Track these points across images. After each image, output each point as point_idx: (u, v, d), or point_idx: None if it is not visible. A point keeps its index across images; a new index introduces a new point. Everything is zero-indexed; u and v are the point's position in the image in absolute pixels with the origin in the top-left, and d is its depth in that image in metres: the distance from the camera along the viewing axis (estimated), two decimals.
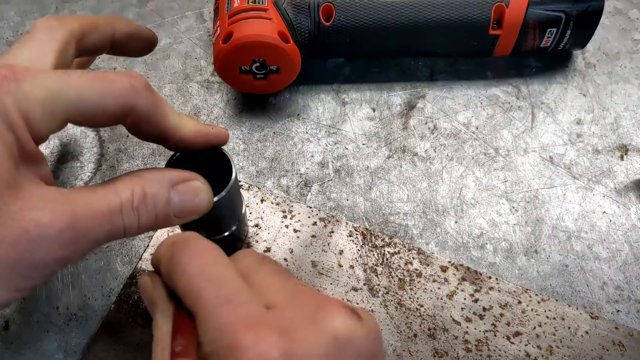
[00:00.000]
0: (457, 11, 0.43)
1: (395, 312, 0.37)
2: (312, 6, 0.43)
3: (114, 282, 0.38)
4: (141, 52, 0.38)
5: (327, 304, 0.23)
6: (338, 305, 0.23)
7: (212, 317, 0.22)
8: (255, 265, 0.26)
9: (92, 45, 0.32)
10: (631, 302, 0.38)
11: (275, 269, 0.26)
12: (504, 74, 0.48)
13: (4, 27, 0.50)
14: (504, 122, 0.45)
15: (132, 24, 0.35)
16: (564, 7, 0.43)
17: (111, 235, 0.24)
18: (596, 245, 0.40)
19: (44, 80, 0.23)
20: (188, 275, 0.24)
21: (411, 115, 0.46)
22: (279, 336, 0.21)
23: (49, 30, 0.29)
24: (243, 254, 0.27)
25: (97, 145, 0.44)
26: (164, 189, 0.26)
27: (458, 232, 0.40)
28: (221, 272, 0.24)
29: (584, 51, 0.49)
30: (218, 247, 0.26)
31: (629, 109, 0.46)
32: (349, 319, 0.22)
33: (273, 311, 0.23)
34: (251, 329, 0.21)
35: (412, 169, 0.43)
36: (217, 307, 0.22)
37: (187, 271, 0.24)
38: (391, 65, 0.48)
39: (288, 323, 0.22)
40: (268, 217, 0.40)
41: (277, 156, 0.43)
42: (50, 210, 0.22)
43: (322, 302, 0.23)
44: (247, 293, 0.23)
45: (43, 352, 0.35)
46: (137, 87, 0.25)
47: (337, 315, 0.22)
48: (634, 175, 0.43)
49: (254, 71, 0.42)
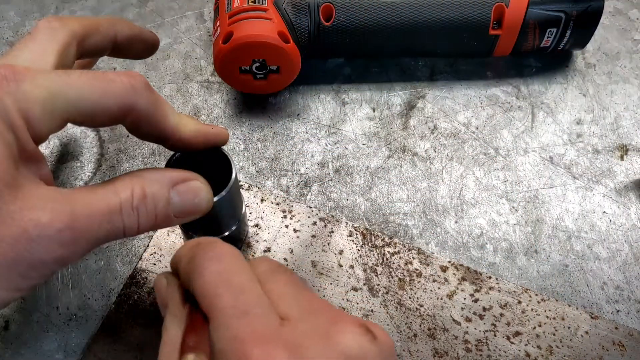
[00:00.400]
0: (457, 11, 0.43)
1: (395, 312, 0.37)
2: (312, 6, 0.43)
3: (114, 282, 0.38)
4: (143, 55, 0.38)
5: (341, 321, 0.23)
6: (352, 322, 0.23)
7: (225, 327, 0.22)
8: (271, 273, 0.26)
9: (93, 47, 0.32)
10: (631, 302, 0.38)
11: (291, 279, 0.26)
12: (504, 74, 0.48)
13: (4, 27, 0.50)
14: (504, 122, 0.45)
15: (134, 26, 0.36)
16: (564, 7, 0.43)
17: (111, 235, 0.24)
18: (596, 245, 0.40)
19: (44, 80, 0.23)
20: (207, 279, 0.23)
21: (411, 115, 0.46)
22: (289, 353, 0.21)
23: (51, 30, 0.29)
24: (259, 261, 0.27)
25: (97, 145, 0.44)
26: (163, 189, 0.26)
27: (458, 232, 0.40)
28: (241, 281, 0.23)
29: (584, 51, 0.49)
30: (239, 252, 0.25)
31: (629, 109, 0.46)
32: (363, 337, 0.22)
33: (285, 325, 0.22)
34: (262, 344, 0.21)
35: (412, 169, 0.43)
36: (232, 317, 0.22)
37: (207, 274, 0.24)
38: (391, 65, 0.48)
39: (300, 339, 0.22)
40: (268, 217, 0.40)
41: (277, 156, 0.43)
42: (50, 210, 0.22)
43: (336, 318, 0.23)
44: (263, 305, 0.23)
45: (43, 352, 0.35)
46: (137, 87, 0.25)
47: (350, 333, 0.22)
48: (634, 175, 0.43)
49: (254, 71, 0.43)
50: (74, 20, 0.31)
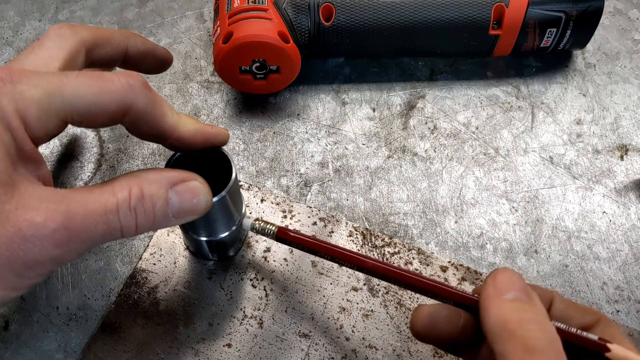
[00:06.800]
0: (457, 11, 0.43)
1: (395, 312, 0.37)
2: (312, 6, 0.43)
3: (114, 282, 0.38)
4: (154, 70, 0.38)
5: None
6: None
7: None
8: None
9: (103, 57, 0.33)
10: (631, 302, 0.38)
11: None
12: (504, 74, 0.48)
13: (4, 27, 0.50)
14: (504, 122, 0.45)
15: (148, 42, 0.36)
16: (564, 7, 0.43)
17: (107, 235, 0.24)
18: (596, 245, 0.40)
19: (40, 80, 0.23)
20: (508, 324, 0.24)
21: (411, 115, 0.46)
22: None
23: (60, 37, 0.29)
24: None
25: (97, 145, 0.44)
26: (162, 190, 0.26)
27: (458, 232, 0.40)
28: (543, 345, 0.23)
29: (584, 51, 0.49)
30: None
31: (629, 109, 0.46)
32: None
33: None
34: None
35: (412, 169, 0.43)
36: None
37: (511, 324, 0.23)
38: (391, 65, 0.48)
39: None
40: (268, 217, 0.40)
41: (277, 156, 0.43)
42: (45, 210, 0.22)
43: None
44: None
45: (43, 352, 0.35)
46: (135, 86, 0.25)
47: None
48: (634, 175, 0.42)
49: (254, 71, 0.43)
50: (85, 29, 0.31)
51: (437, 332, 0.28)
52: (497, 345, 0.23)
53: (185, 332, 0.36)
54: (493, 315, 0.24)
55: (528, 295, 0.25)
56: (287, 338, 0.36)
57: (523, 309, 0.24)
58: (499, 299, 0.25)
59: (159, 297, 0.37)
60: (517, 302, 0.24)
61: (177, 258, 0.38)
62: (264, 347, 0.35)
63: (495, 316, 0.24)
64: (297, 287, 0.37)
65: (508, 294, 0.25)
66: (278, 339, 0.36)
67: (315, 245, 0.32)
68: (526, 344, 0.22)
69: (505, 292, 0.25)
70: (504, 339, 0.23)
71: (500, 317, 0.24)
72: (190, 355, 0.35)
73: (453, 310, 0.28)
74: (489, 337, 0.24)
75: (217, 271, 0.38)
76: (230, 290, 0.37)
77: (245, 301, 0.37)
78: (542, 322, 0.24)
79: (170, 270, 0.38)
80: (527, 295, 0.25)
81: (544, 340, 0.23)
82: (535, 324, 0.24)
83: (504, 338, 0.23)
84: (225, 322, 0.36)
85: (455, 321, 0.28)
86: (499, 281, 0.25)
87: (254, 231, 0.34)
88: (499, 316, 0.24)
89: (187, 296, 0.37)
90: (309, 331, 0.36)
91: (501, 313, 0.24)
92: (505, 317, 0.24)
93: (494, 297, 0.25)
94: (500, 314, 0.24)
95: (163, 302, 0.37)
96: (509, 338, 0.23)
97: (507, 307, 0.24)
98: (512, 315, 0.24)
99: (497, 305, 0.24)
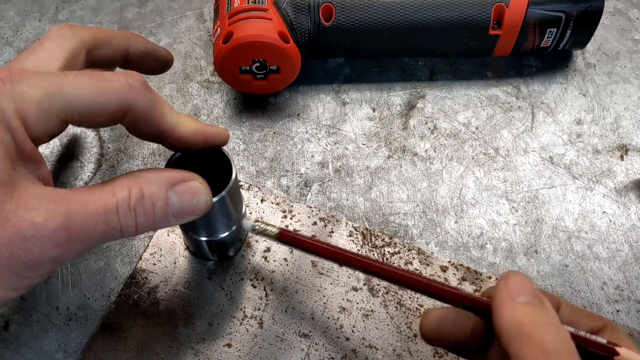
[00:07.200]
0: (457, 11, 0.43)
1: (395, 312, 0.37)
2: (312, 6, 0.43)
3: (114, 282, 0.38)
4: (155, 71, 0.38)
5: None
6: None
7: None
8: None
9: (103, 58, 0.33)
10: (631, 302, 0.38)
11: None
12: (504, 74, 0.48)
13: (4, 27, 0.50)
14: (504, 122, 0.45)
15: (149, 42, 0.36)
16: (564, 7, 0.43)
17: (107, 235, 0.24)
18: (596, 245, 0.40)
19: (40, 80, 0.23)
20: (523, 327, 0.24)
21: (411, 115, 0.46)
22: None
23: (60, 38, 0.30)
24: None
25: (97, 145, 0.44)
26: (162, 190, 0.26)
27: (458, 232, 0.40)
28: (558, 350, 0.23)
29: (584, 51, 0.49)
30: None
31: (629, 109, 0.46)
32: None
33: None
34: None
35: (412, 169, 0.43)
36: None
37: (528, 331, 0.24)
38: (391, 65, 0.48)
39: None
40: (268, 217, 0.40)
41: (277, 156, 0.43)
42: (45, 210, 0.22)
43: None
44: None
45: (43, 352, 0.35)
46: (134, 85, 0.25)
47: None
48: (634, 175, 0.42)
49: (254, 71, 0.43)
50: (86, 29, 0.31)
51: (446, 336, 0.28)
52: (512, 347, 0.23)
53: (185, 332, 0.36)
54: (507, 318, 0.24)
55: (540, 300, 0.25)
56: (287, 338, 0.36)
57: (537, 313, 0.24)
58: (512, 302, 0.25)
59: (159, 297, 0.37)
60: (530, 305, 0.25)
61: (177, 258, 0.38)
62: (264, 347, 0.36)
63: (508, 319, 0.24)
64: (297, 287, 0.37)
65: (521, 297, 0.25)
66: (278, 339, 0.36)
67: (318, 247, 0.32)
68: (543, 347, 0.23)
69: (518, 295, 0.25)
70: (520, 342, 0.23)
71: (514, 319, 0.24)
72: (190, 355, 0.35)
73: (462, 314, 0.28)
74: (503, 339, 0.24)
75: (217, 271, 0.38)
76: (230, 290, 0.37)
77: (245, 301, 0.37)
78: (557, 325, 0.24)
79: (170, 270, 0.38)
80: (539, 299, 0.25)
81: (559, 342, 0.23)
82: (550, 327, 0.24)
83: (520, 341, 0.23)
84: (225, 322, 0.36)
85: (464, 324, 0.28)
86: (511, 284, 0.25)
87: (254, 233, 0.34)
88: (512, 319, 0.24)
89: (187, 296, 0.37)
90: (309, 331, 0.36)
91: (514, 316, 0.24)
92: (520, 320, 0.24)
93: (507, 300, 0.25)
94: (513, 316, 0.24)
95: (163, 302, 0.37)
96: (526, 341, 0.23)
97: (520, 310, 0.24)
98: (527, 319, 0.24)
99: (510, 308, 0.25)
